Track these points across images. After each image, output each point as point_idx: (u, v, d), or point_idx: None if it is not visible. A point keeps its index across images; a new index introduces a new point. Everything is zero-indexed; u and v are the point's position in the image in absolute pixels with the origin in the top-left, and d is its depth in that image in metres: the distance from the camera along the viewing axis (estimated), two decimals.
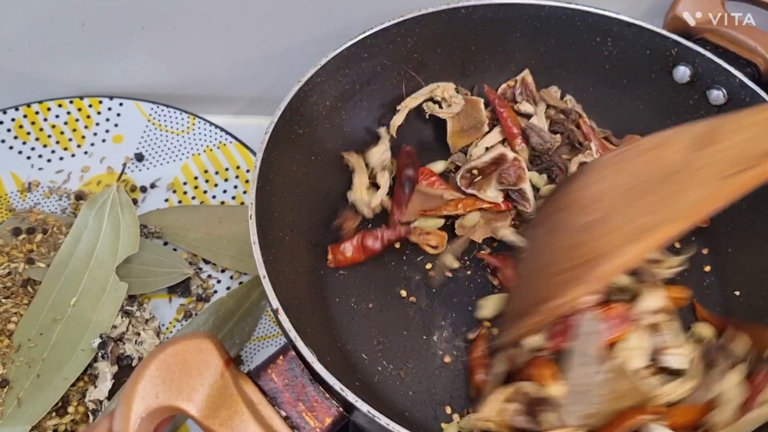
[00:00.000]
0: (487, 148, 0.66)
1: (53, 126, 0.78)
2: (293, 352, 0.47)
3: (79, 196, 0.74)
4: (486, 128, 0.67)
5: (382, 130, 0.66)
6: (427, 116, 0.67)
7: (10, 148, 0.77)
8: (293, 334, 0.46)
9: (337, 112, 0.65)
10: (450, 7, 0.64)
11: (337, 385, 0.45)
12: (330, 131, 0.64)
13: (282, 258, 0.55)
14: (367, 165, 0.65)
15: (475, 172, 0.63)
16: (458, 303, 0.60)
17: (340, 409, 0.46)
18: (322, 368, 0.45)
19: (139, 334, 0.64)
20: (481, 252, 0.63)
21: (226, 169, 0.77)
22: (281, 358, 0.47)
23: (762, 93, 0.60)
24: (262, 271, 0.49)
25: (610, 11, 0.65)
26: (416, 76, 0.67)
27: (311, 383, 0.47)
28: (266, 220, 0.54)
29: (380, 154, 0.64)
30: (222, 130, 0.78)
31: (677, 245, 0.61)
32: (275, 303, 0.48)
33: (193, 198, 0.76)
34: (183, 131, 0.79)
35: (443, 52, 0.67)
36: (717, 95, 0.63)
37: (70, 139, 0.78)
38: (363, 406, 0.44)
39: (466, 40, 0.67)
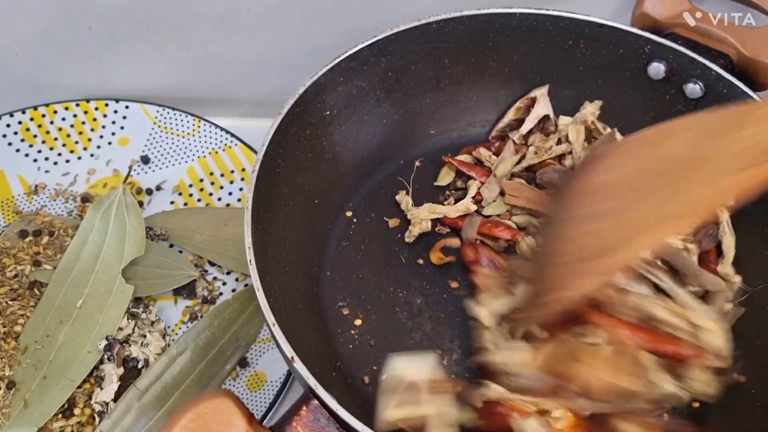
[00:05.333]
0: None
1: (60, 129, 0.78)
2: (315, 401, 0.45)
3: (86, 199, 0.74)
4: None
5: None
6: None
7: (17, 150, 0.77)
8: (312, 381, 0.45)
9: (327, 130, 0.64)
10: (421, 23, 0.64)
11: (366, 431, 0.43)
12: (329, 145, 0.65)
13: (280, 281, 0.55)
14: None
15: None
16: (464, 323, 0.59)
17: None
18: (349, 416, 0.43)
19: (145, 336, 0.64)
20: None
21: (232, 172, 0.77)
22: (304, 408, 0.45)
23: (739, 84, 0.60)
24: (270, 319, 0.49)
25: (580, 14, 0.65)
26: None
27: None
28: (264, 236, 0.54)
29: None
30: (227, 132, 0.79)
31: None
32: (289, 352, 0.46)
33: (199, 200, 0.76)
34: (189, 134, 0.79)
35: (417, 69, 0.67)
36: (693, 89, 0.63)
37: (77, 142, 0.79)
38: None
39: (439, 55, 0.67)
